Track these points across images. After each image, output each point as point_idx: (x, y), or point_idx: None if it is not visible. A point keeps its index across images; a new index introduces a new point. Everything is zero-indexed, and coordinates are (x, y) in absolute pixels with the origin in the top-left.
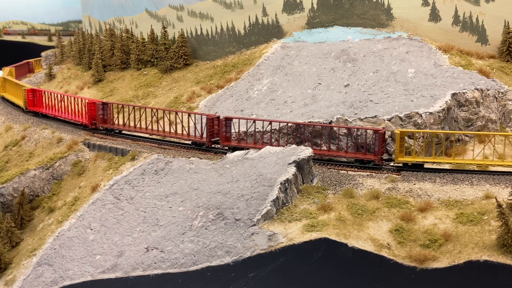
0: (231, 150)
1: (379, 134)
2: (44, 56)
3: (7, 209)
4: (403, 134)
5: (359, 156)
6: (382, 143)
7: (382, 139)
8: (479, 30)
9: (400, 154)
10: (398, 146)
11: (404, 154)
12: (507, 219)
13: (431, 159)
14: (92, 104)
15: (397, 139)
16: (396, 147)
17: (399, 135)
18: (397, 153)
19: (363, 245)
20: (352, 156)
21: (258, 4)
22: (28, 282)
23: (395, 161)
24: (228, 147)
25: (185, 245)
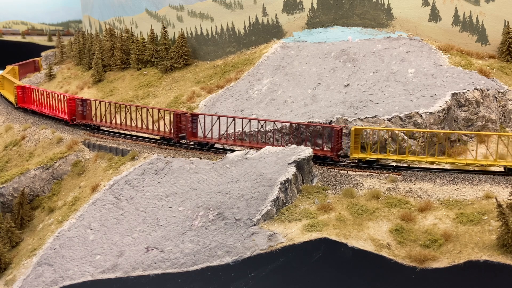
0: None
1: (334, 131)
2: (44, 56)
3: (7, 209)
4: (357, 131)
5: (317, 152)
6: (338, 140)
7: (337, 136)
8: (479, 30)
9: (355, 151)
10: (353, 143)
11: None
12: (507, 219)
13: (384, 156)
14: (72, 100)
15: (352, 136)
16: (351, 144)
17: (354, 132)
18: (352, 150)
19: (363, 245)
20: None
21: (258, 4)
22: (28, 282)
23: (350, 157)
24: (193, 142)
25: (185, 245)
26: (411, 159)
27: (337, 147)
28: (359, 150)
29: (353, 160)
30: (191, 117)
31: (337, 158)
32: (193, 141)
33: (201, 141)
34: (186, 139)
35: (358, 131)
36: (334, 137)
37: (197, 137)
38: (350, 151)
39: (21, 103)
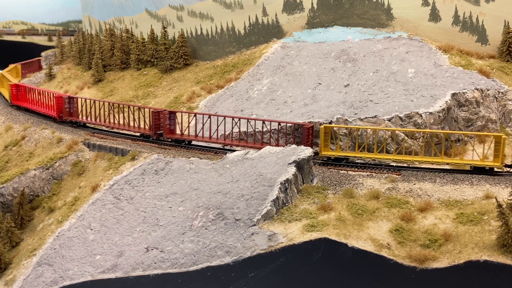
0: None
1: (303, 128)
2: (44, 56)
3: (7, 209)
4: (327, 129)
5: None
6: (307, 137)
7: (307, 134)
8: (479, 30)
9: (325, 148)
10: (322, 141)
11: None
12: (507, 219)
13: (353, 153)
14: (59, 98)
15: (321, 134)
16: (320, 142)
17: (323, 130)
18: (322, 147)
19: (363, 245)
20: None
21: (258, 4)
22: (28, 282)
23: (319, 154)
24: (170, 139)
25: (185, 245)
26: (379, 157)
27: (307, 145)
28: (328, 147)
29: (323, 157)
30: (169, 114)
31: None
32: (170, 138)
33: (177, 137)
34: (163, 136)
35: (328, 129)
36: (304, 135)
37: (174, 134)
38: (320, 149)
39: (15, 101)
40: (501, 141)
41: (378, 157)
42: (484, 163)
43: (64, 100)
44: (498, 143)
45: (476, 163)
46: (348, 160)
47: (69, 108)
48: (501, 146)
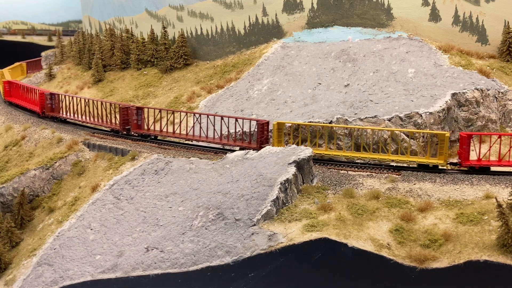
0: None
1: (258, 124)
2: (44, 56)
3: (7, 209)
4: (280, 126)
5: (244, 145)
6: (261, 134)
7: (261, 130)
8: (479, 30)
9: (279, 144)
10: (276, 136)
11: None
12: (507, 219)
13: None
14: (42, 94)
15: (274, 130)
16: (273, 137)
17: (276, 126)
18: (275, 143)
19: (363, 245)
20: (238, 145)
21: (258, 4)
22: (28, 282)
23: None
24: (137, 133)
25: (185, 245)
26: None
27: (261, 140)
28: (282, 143)
29: None
30: (136, 110)
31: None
32: (137, 133)
33: (143, 132)
34: (131, 130)
35: (281, 125)
36: (259, 130)
37: (141, 129)
38: (273, 144)
39: (8, 97)
40: (444, 139)
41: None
42: (428, 161)
43: (46, 97)
44: (442, 141)
45: (420, 161)
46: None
47: (51, 104)
48: (444, 144)
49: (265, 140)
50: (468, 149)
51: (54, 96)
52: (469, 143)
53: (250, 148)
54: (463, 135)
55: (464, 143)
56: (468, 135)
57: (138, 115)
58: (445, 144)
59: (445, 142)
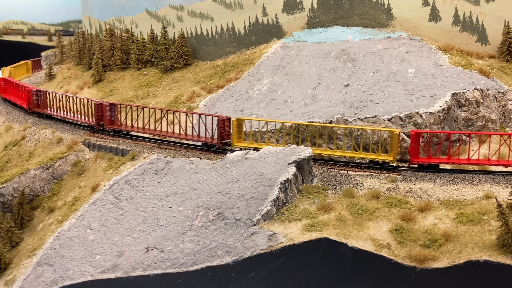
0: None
1: (219, 120)
2: (44, 56)
3: (7, 209)
4: (239, 122)
5: (207, 140)
6: (222, 129)
7: (222, 126)
8: (479, 30)
9: (239, 140)
10: (235, 132)
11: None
12: (507, 219)
13: (258, 145)
14: (29, 91)
15: (233, 126)
16: (233, 133)
17: (236, 122)
18: (234, 139)
19: (363, 245)
20: (200, 141)
21: (258, 4)
22: (28, 282)
23: (232, 146)
24: (110, 129)
25: (185, 245)
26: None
27: (222, 136)
28: (242, 139)
29: (235, 148)
30: (109, 106)
31: (221, 145)
32: (110, 128)
33: (116, 128)
34: (104, 126)
35: (241, 121)
36: (219, 126)
37: (114, 125)
38: (232, 140)
39: (3, 94)
40: (393, 137)
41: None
42: (378, 158)
43: (32, 93)
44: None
45: (371, 157)
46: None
47: (37, 101)
48: (394, 141)
49: (226, 136)
50: (418, 147)
51: (40, 93)
52: (418, 140)
53: (212, 143)
54: (413, 133)
55: (413, 141)
56: (416, 132)
57: (111, 111)
58: (394, 141)
59: (394, 140)
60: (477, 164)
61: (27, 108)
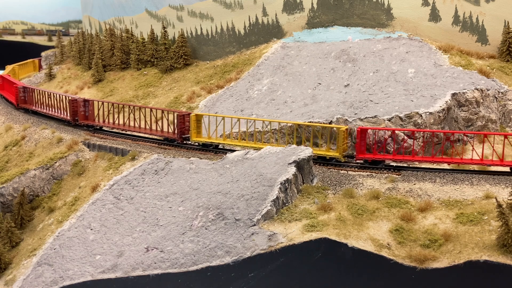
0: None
1: (178, 116)
2: (44, 56)
3: (7, 209)
4: (198, 117)
5: (168, 135)
6: (182, 124)
7: (182, 121)
8: (479, 30)
9: (198, 135)
10: (193, 128)
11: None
12: (507, 219)
13: (215, 140)
14: (16, 88)
15: (192, 121)
16: (191, 128)
17: (194, 118)
18: (193, 134)
19: (363, 245)
20: (163, 135)
21: (258, 4)
22: (28, 282)
23: (190, 140)
24: (83, 124)
25: (185, 245)
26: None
27: (182, 131)
28: (201, 134)
29: (194, 143)
30: (83, 102)
31: (181, 139)
32: (83, 123)
33: (89, 123)
34: (79, 121)
35: (199, 117)
36: (179, 122)
37: (88, 120)
38: (191, 135)
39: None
40: (339, 133)
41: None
42: (325, 153)
43: (19, 90)
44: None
45: (319, 153)
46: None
47: (24, 97)
48: (340, 138)
49: (186, 131)
50: (364, 143)
51: (26, 89)
52: (364, 137)
53: (173, 138)
54: (358, 130)
55: (359, 137)
56: (362, 129)
57: (85, 107)
58: (339, 137)
59: (340, 136)
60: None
61: (15, 103)
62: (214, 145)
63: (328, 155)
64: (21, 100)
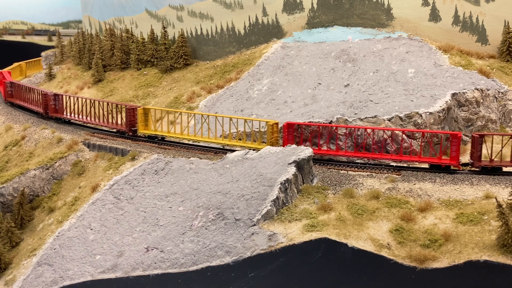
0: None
1: (127, 109)
2: (44, 56)
3: (7, 209)
4: (146, 111)
5: (119, 127)
6: (131, 118)
7: (130, 114)
8: (479, 30)
9: (146, 128)
10: (141, 121)
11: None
12: (507, 219)
13: (161, 132)
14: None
15: (139, 115)
16: (138, 121)
17: (141, 111)
18: (140, 126)
19: (363, 245)
20: (115, 128)
21: (258, 4)
22: (28, 282)
23: (137, 132)
24: (52, 116)
25: (185, 245)
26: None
27: (131, 124)
28: (149, 127)
29: (142, 135)
30: (53, 96)
31: (130, 132)
32: (52, 116)
33: (58, 116)
34: (49, 114)
35: (147, 111)
36: (128, 115)
37: (57, 113)
38: (138, 128)
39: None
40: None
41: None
42: (256, 146)
43: (7, 85)
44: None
45: (248, 145)
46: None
47: (11, 92)
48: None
49: (134, 123)
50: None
51: (13, 84)
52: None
53: (124, 130)
54: (285, 124)
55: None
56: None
57: (55, 100)
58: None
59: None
60: (343, 155)
61: (4, 98)
62: (159, 137)
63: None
64: (8, 95)
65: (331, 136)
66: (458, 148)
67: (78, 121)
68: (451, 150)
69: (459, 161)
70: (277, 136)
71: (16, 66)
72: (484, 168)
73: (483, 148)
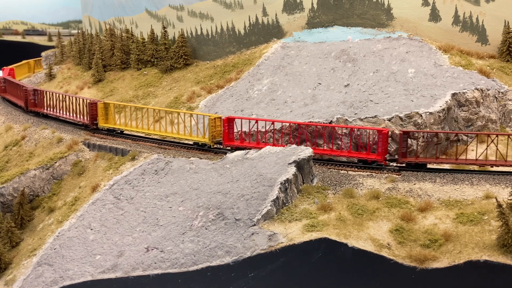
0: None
1: (89, 104)
2: (44, 56)
3: (7, 209)
4: (106, 105)
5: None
6: (92, 112)
7: (92, 109)
8: (479, 30)
9: (106, 121)
10: (101, 115)
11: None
12: (507, 219)
13: (123, 126)
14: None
15: (99, 109)
16: (99, 115)
17: (102, 106)
18: (100, 120)
19: (363, 245)
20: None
21: (258, 4)
22: (28, 282)
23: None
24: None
25: (185, 245)
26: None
27: (92, 117)
28: (109, 121)
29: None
30: (33, 91)
31: (92, 125)
32: (31, 110)
33: (36, 110)
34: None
35: (107, 105)
36: (90, 109)
37: (36, 107)
38: (98, 121)
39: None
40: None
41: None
42: (199, 140)
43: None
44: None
45: (194, 139)
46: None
47: (4, 87)
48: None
49: (95, 117)
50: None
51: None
52: (231, 126)
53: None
54: (225, 119)
55: (225, 126)
56: (229, 118)
57: (35, 95)
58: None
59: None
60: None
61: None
62: (118, 131)
63: (201, 141)
64: (2, 90)
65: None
66: (385, 144)
67: (53, 115)
68: (378, 146)
69: (385, 157)
70: (220, 130)
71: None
72: (408, 164)
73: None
